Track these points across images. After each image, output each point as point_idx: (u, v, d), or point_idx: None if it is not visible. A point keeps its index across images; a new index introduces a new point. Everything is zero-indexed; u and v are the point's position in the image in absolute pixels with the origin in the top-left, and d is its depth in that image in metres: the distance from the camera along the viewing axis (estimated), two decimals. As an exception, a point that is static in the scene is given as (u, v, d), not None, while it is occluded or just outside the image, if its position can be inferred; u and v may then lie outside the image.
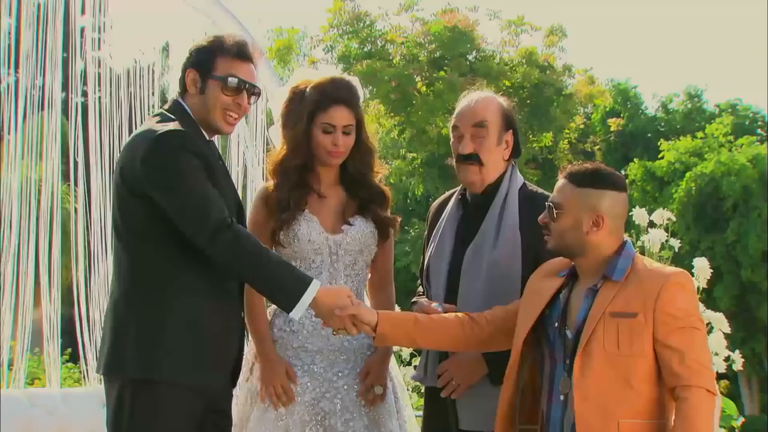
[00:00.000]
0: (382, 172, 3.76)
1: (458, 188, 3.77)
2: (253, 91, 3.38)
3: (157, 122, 3.31)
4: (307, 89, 3.65)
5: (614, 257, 3.18)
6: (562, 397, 3.16)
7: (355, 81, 3.74)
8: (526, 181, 3.72)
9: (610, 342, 3.07)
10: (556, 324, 3.22)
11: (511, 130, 3.62)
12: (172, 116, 3.32)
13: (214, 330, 3.25)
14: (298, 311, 3.21)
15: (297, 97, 3.66)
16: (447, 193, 3.84)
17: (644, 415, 3.06)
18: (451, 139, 3.68)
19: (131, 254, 3.26)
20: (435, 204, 3.86)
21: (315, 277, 3.56)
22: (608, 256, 3.19)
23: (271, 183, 3.69)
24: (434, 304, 3.49)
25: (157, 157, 3.19)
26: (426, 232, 3.80)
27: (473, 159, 3.58)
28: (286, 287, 3.22)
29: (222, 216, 3.18)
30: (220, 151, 3.59)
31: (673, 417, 3.05)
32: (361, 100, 3.74)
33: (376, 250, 3.72)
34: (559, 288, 3.27)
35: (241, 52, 3.37)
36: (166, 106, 3.43)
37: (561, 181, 3.25)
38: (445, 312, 3.46)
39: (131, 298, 3.23)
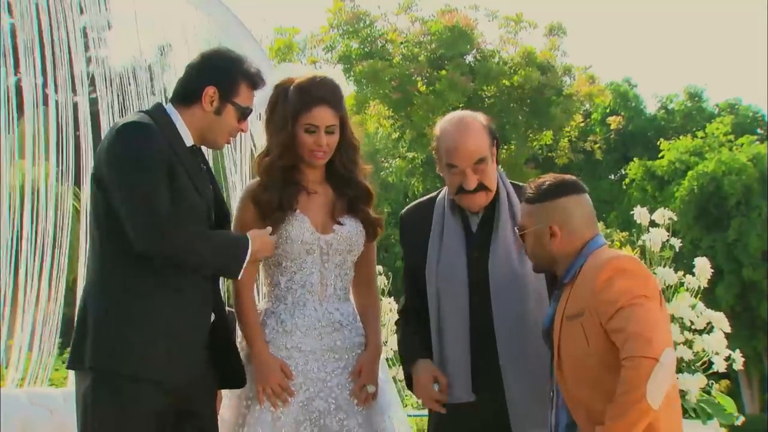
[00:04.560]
0: (367, 169, 3.73)
1: (437, 194, 3.72)
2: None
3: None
4: (290, 89, 3.62)
5: (574, 260, 3.17)
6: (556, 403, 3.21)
7: (338, 76, 3.71)
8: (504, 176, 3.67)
9: (573, 346, 3.05)
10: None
11: (495, 142, 3.58)
12: (150, 117, 3.31)
13: (176, 324, 3.23)
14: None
15: (281, 97, 3.64)
16: (420, 201, 3.79)
17: None
18: (446, 173, 3.58)
19: (97, 249, 3.28)
20: (409, 213, 3.78)
21: (306, 278, 3.59)
22: (571, 260, 3.18)
23: (257, 181, 3.65)
24: (435, 386, 3.49)
25: (115, 144, 3.22)
26: (405, 240, 3.73)
27: (480, 189, 3.53)
28: (231, 255, 3.32)
29: (170, 210, 3.17)
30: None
31: None
32: (344, 95, 3.71)
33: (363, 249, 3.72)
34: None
35: (258, 82, 3.41)
36: (147, 109, 3.43)
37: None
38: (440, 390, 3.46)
39: (95, 292, 3.24)
